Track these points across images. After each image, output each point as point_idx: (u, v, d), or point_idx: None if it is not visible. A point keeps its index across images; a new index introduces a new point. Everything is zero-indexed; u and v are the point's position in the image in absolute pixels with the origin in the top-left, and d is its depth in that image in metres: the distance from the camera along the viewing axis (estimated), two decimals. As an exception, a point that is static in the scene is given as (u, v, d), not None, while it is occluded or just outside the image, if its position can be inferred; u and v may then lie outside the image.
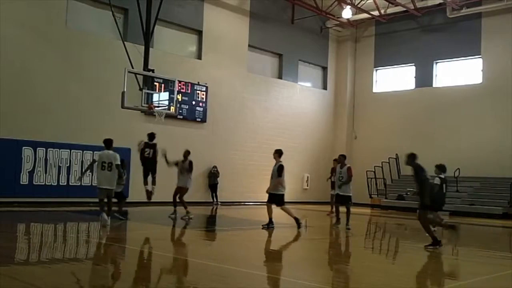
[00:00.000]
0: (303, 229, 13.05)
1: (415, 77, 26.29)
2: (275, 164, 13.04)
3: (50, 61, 17.96)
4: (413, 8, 24.19)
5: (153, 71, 15.46)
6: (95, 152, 17.49)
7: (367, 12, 25.16)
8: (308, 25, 26.59)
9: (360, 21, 27.28)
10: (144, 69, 15.32)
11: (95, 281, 6.67)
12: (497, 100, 23.18)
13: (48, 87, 17.88)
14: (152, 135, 14.47)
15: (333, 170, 17.82)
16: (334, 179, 17.57)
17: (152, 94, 15.43)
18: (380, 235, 15.37)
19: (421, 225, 10.78)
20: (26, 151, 17.27)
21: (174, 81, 16.01)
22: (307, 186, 26.59)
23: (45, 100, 17.77)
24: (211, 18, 22.69)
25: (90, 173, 18.35)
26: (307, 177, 26.55)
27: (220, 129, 22.79)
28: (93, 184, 18.44)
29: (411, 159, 10.73)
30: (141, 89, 15.15)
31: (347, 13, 25.28)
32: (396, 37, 26.73)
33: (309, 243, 12.08)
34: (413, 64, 26.43)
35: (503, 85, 23.07)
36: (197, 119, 21.88)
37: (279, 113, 25.42)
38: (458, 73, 25.04)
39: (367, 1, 25.11)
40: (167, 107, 15.90)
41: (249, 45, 24.34)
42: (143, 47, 15.72)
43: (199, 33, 22.53)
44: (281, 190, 12.89)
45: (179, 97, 20.22)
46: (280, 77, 25.88)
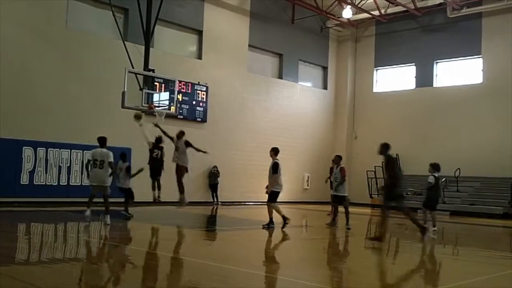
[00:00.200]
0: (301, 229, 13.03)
1: (415, 77, 26.29)
2: (272, 162, 13.04)
3: (50, 61, 17.97)
4: (413, 8, 24.19)
5: (153, 71, 15.48)
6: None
7: (367, 12, 25.16)
8: (308, 25, 26.59)
9: (360, 21, 27.28)
10: (144, 69, 15.35)
11: (95, 281, 6.67)
12: (497, 100, 23.17)
13: (48, 87, 17.89)
14: (159, 139, 14.56)
15: (332, 170, 17.86)
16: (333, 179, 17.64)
17: (152, 94, 15.46)
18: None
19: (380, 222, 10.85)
20: (26, 151, 17.28)
21: (174, 81, 16.03)
22: (307, 186, 26.59)
23: (46, 100, 17.78)
24: (211, 18, 22.70)
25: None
26: (308, 177, 26.55)
27: (220, 129, 22.79)
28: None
29: (384, 149, 10.80)
30: (141, 89, 15.17)
31: (347, 13, 25.28)
32: (396, 37, 26.73)
33: (309, 243, 12.08)
34: (413, 64, 26.42)
35: (503, 85, 23.06)
36: (198, 119, 21.89)
37: (279, 113, 25.42)
38: (458, 73, 25.04)
39: (368, 1, 25.11)
40: (167, 107, 15.91)
41: (249, 45, 24.34)
42: (143, 47, 15.75)
43: (199, 33, 22.53)
44: (276, 187, 12.81)
45: (180, 97, 20.23)
46: (280, 77, 25.88)
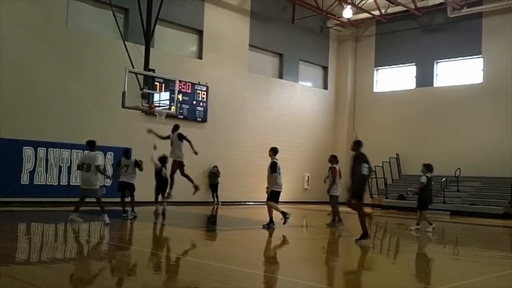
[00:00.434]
0: (299, 228, 13.01)
1: (416, 77, 26.30)
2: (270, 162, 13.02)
3: (50, 61, 17.98)
4: (413, 7, 24.19)
5: (153, 71, 15.50)
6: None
7: (367, 11, 25.17)
8: (308, 24, 26.59)
9: (360, 21, 27.29)
10: (144, 69, 15.36)
11: (95, 281, 6.68)
12: (497, 100, 23.18)
13: (48, 87, 17.90)
14: (164, 159, 14.92)
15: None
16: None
17: (152, 93, 15.47)
18: (380, 235, 15.36)
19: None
20: (26, 151, 17.29)
21: (174, 81, 16.05)
22: (308, 186, 26.59)
23: (46, 100, 17.78)
24: (211, 18, 22.70)
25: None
26: (308, 177, 26.56)
27: (220, 128, 22.80)
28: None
29: (356, 146, 11.15)
30: (141, 89, 15.18)
31: (347, 13, 25.29)
32: (396, 36, 26.73)
33: (309, 243, 12.08)
34: (413, 64, 26.43)
35: (503, 85, 23.07)
36: (198, 119, 21.89)
37: (280, 113, 25.42)
38: (458, 73, 25.04)
39: (368, 1, 25.13)
40: (167, 107, 15.92)
41: (250, 45, 24.35)
42: (143, 47, 15.76)
43: (200, 33, 22.53)
44: (275, 187, 12.78)
45: (180, 97, 20.25)
46: (280, 77, 25.88)
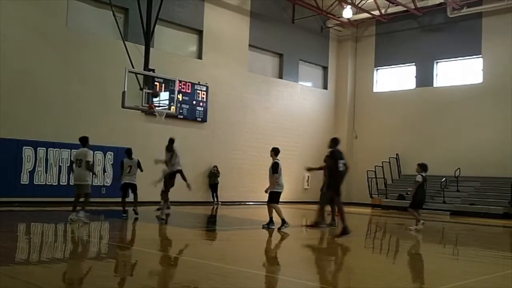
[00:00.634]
0: (301, 229, 13.02)
1: (416, 77, 26.29)
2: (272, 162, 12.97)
3: (50, 61, 17.98)
4: (413, 7, 24.19)
5: (153, 71, 15.49)
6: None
7: (367, 11, 25.17)
8: (308, 24, 26.59)
9: (360, 21, 27.28)
10: (144, 69, 15.36)
11: (95, 281, 6.68)
12: (497, 100, 23.18)
13: (48, 87, 17.89)
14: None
15: None
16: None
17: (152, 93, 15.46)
18: (380, 235, 15.37)
19: (319, 209, 11.59)
20: (26, 151, 17.28)
21: (174, 81, 16.04)
22: (308, 186, 26.58)
23: (46, 99, 17.78)
24: (211, 17, 22.70)
25: (90, 173, 18.39)
26: (308, 177, 26.54)
27: (220, 128, 22.80)
28: (93, 183, 18.54)
29: (333, 143, 11.28)
30: (141, 89, 15.17)
31: (347, 13, 25.28)
32: (396, 36, 26.73)
33: (309, 242, 12.08)
34: (413, 63, 26.43)
35: (503, 85, 23.06)
36: (198, 119, 21.89)
37: (280, 113, 25.42)
38: (458, 73, 25.04)
39: (368, 1, 25.12)
40: (167, 107, 15.92)
41: (250, 45, 24.34)
42: (143, 47, 15.76)
43: (200, 33, 22.53)
44: (277, 188, 12.73)
45: (180, 97, 20.24)
46: (280, 77, 25.88)
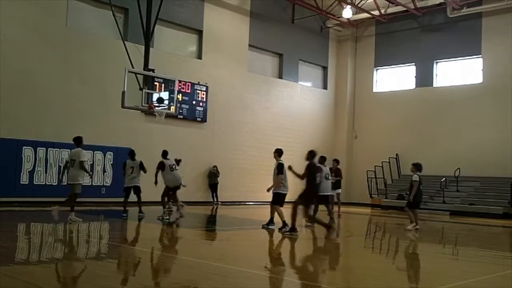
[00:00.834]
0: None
1: (416, 77, 26.30)
2: (276, 163, 12.86)
3: (50, 61, 17.97)
4: (413, 7, 24.19)
5: (153, 71, 15.48)
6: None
7: (367, 11, 25.17)
8: (308, 24, 26.59)
9: (360, 21, 27.29)
10: (144, 69, 15.35)
11: (95, 281, 6.67)
12: (497, 100, 23.18)
13: (48, 87, 17.89)
14: (178, 162, 15.74)
15: (331, 170, 17.87)
16: (332, 179, 17.65)
17: (152, 93, 15.46)
18: (380, 235, 15.37)
19: (292, 213, 11.78)
20: (26, 151, 17.27)
21: (174, 81, 16.02)
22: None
23: (45, 99, 17.78)
24: (211, 17, 22.70)
25: (90, 173, 18.40)
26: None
27: (220, 128, 22.79)
28: (93, 184, 18.58)
29: (310, 155, 11.70)
30: (141, 89, 15.17)
31: (347, 13, 25.28)
32: (396, 36, 26.73)
33: (309, 243, 12.07)
34: (413, 63, 26.43)
35: (503, 85, 23.07)
36: (198, 119, 21.89)
37: (280, 113, 25.42)
38: (458, 73, 25.05)
39: (368, 1, 25.12)
40: (167, 107, 15.91)
41: (250, 45, 24.34)
42: (143, 47, 15.75)
43: (200, 33, 22.53)
44: (282, 189, 12.56)
45: (180, 97, 20.24)
46: (280, 77, 25.88)
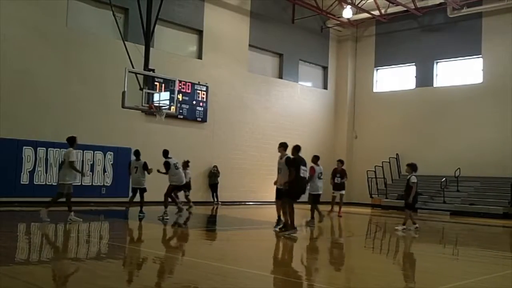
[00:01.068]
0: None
1: (416, 77, 26.29)
2: (281, 157, 11.93)
3: (50, 61, 17.97)
4: (413, 7, 24.19)
5: (153, 71, 15.49)
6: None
7: (367, 11, 25.16)
8: (308, 24, 26.58)
9: (360, 21, 27.28)
10: (144, 69, 15.35)
11: (95, 281, 6.68)
12: (497, 100, 23.17)
13: (48, 87, 17.89)
14: (186, 163, 16.77)
15: (335, 170, 17.92)
16: (336, 180, 17.71)
17: (152, 93, 15.47)
18: (380, 235, 15.37)
19: (282, 212, 11.82)
20: (26, 151, 17.27)
21: (174, 81, 16.03)
22: (308, 185, 26.53)
23: (46, 99, 17.78)
24: (211, 17, 22.69)
25: (90, 173, 18.45)
26: (308, 177, 26.52)
27: (220, 128, 22.79)
28: (93, 183, 18.60)
29: (296, 150, 11.71)
30: (141, 89, 15.17)
31: (347, 13, 25.28)
32: (396, 36, 26.72)
33: (309, 242, 12.08)
34: (413, 63, 26.42)
35: (503, 85, 23.06)
36: (198, 119, 21.89)
37: (280, 113, 25.41)
38: (458, 73, 25.04)
39: (368, 1, 25.12)
40: (167, 107, 15.91)
41: (250, 45, 24.34)
42: (143, 47, 15.76)
43: (200, 33, 22.53)
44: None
45: (180, 97, 20.22)
46: (280, 77, 25.87)
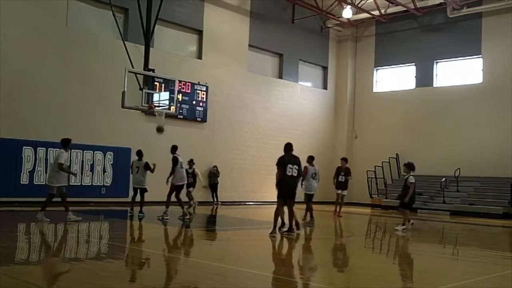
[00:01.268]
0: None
1: (416, 77, 26.29)
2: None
3: (50, 61, 17.97)
4: (413, 7, 24.19)
5: (153, 71, 15.48)
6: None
7: (367, 11, 25.16)
8: (308, 24, 26.58)
9: (360, 21, 27.28)
10: (144, 69, 15.34)
11: (95, 281, 6.68)
12: (497, 100, 23.17)
13: (48, 87, 17.89)
14: (191, 161, 17.24)
15: (340, 169, 17.90)
16: (340, 178, 17.73)
17: (152, 93, 15.45)
18: (380, 235, 15.37)
19: (275, 212, 11.72)
20: (26, 151, 17.27)
21: (174, 81, 16.02)
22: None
23: (46, 99, 17.78)
24: (211, 17, 22.69)
25: (90, 173, 18.46)
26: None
27: (220, 128, 22.79)
28: (93, 183, 18.60)
29: (286, 149, 11.89)
30: (141, 89, 15.16)
31: (347, 13, 25.28)
32: (396, 36, 26.72)
33: (310, 243, 12.08)
34: (413, 63, 26.42)
35: (503, 85, 23.06)
36: (198, 119, 21.89)
37: (280, 113, 25.41)
38: (458, 73, 25.04)
39: (368, 1, 25.12)
40: (167, 107, 15.91)
41: (250, 45, 24.33)
42: (143, 47, 15.74)
43: (200, 33, 22.53)
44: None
45: (180, 97, 20.22)
46: (280, 77, 25.87)
